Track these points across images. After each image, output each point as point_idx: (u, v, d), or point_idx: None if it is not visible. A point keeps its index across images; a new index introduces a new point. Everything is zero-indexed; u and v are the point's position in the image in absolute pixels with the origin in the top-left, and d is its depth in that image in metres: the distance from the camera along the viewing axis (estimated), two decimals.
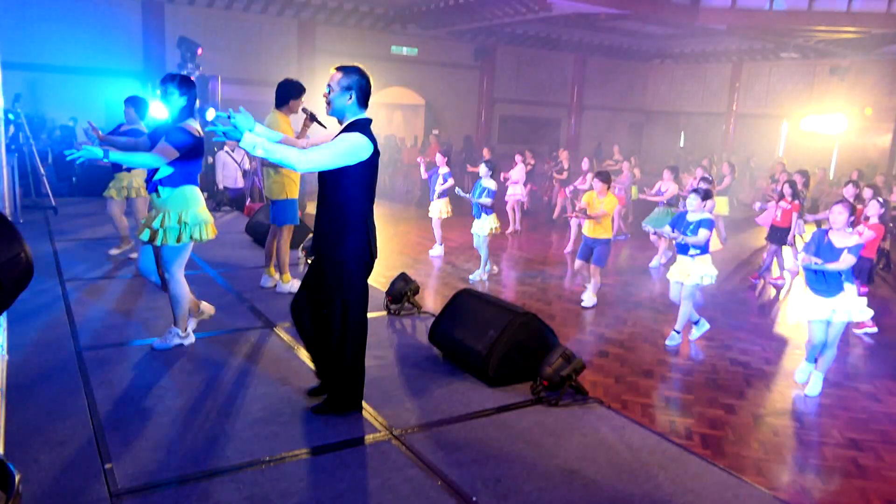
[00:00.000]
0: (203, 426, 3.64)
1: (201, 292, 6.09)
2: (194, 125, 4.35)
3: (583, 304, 7.06)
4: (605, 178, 6.88)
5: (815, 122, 17.35)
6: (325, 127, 6.26)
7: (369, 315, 5.78)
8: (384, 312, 5.91)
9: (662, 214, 9.11)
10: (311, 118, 6.09)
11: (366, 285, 3.74)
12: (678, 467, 3.53)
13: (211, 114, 5.09)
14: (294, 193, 6.09)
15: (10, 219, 2.77)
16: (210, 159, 11.03)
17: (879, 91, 16.58)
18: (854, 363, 5.87)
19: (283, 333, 5.18)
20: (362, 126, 3.55)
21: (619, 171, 12.25)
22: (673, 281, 5.94)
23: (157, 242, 4.36)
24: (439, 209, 8.77)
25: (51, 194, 9.71)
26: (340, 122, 3.63)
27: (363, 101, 3.61)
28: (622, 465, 3.51)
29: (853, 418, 4.68)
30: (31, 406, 3.70)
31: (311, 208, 12.63)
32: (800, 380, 5.21)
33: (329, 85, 3.59)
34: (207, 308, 4.98)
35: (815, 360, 5.11)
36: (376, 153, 3.56)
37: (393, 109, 20.13)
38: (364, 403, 4.03)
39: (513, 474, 3.35)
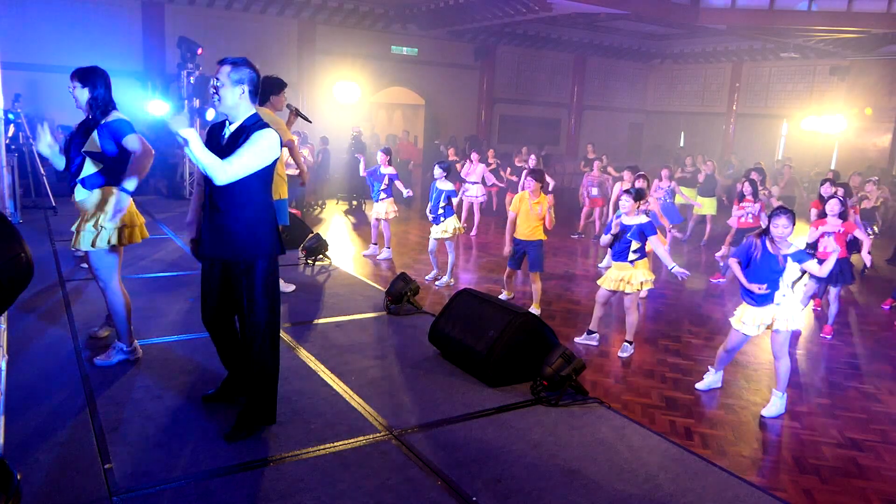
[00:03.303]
0: (203, 426, 3.64)
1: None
2: (122, 117, 4.05)
3: (502, 295, 6.85)
4: (538, 176, 6.42)
5: (815, 122, 17.34)
6: (310, 122, 6.31)
7: (369, 315, 5.85)
8: (384, 312, 5.91)
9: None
10: (296, 113, 6.15)
11: (277, 281, 3.54)
12: (678, 467, 3.53)
13: (211, 114, 5.10)
14: (284, 193, 6.08)
15: (9, 219, 2.77)
16: None
17: (879, 91, 16.57)
18: (854, 363, 5.87)
19: (283, 333, 5.18)
20: (264, 122, 3.38)
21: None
22: (607, 288, 5.56)
23: (73, 246, 4.14)
24: (385, 210, 8.54)
25: (51, 194, 9.72)
26: (230, 118, 3.44)
27: (255, 94, 3.42)
28: (622, 465, 3.52)
29: (853, 418, 4.68)
30: (31, 406, 3.71)
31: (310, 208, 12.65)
32: (701, 386, 4.97)
33: (217, 78, 3.38)
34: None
35: (722, 370, 4.97)
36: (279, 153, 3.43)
37: (393, 109, 20.13)
38: (364, 403, 4.04)
39: (513, 474, 3.35)
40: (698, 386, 5.02)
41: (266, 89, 5.75)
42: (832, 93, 17.34)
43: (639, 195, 5.54)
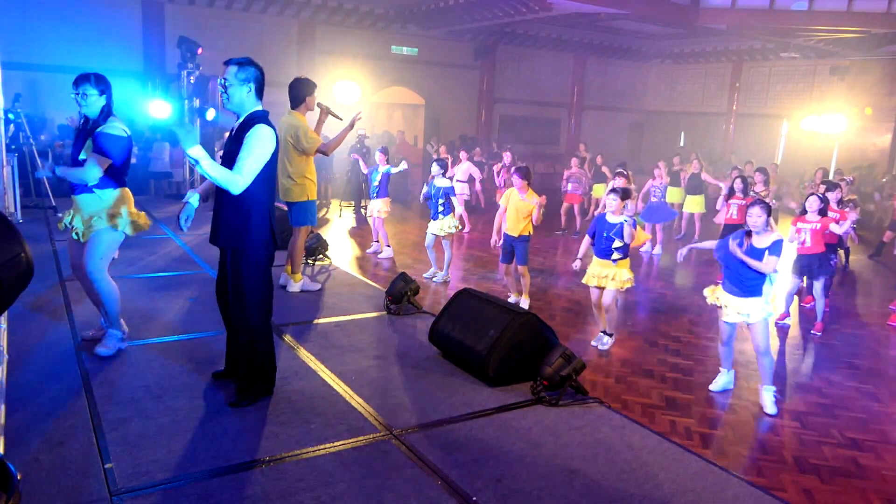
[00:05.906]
0: (203, 426, 3.64)
1: (201, 293, 6.09)
2: (120, 124, 4.30)
3: (511, 298, 6.97)
4: (523, 173, 6.55)
5: (815, 122, 17.33)
6: (340, 119, 6.32)
7: (369, 315, 5.85)
8: (384, 312, 5.91)
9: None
10: (328, 112, 6.23)
11: (269, 273, 3.86)
12: (678, 467, 3.53)
13: (211, 114, 5.12)
14: (313, 195, 6.12)
15: (10, 219, 2.77)
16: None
17: (879, 91, 16.56)
18: (854, 363, 5.87)
19: (283, 333, 5.18)
20: (263, 118, 3.67)
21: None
22: (592, 286, 5.72)
23: (74, 236, 4.45)
24: (379, 208, 8.67)
25: (51, 194, 9.72)
26: (238, 116, 3.74)
27: (260, 92, 3.73)
28: (622, 465, 3.52)
29: (853, 418, 4.68)
30: (31, 406, 3.71)
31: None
32: (714, 388, 4.97)
33: (224, 78, 3.64)
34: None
35: (731, 367, 5.00)
36: (276, 144, 3.70)
37: (393, 109, 20.12)
38: (364, 403, 4.04)
39: (513, 474, 3.35)
40: (711, 387, 4.99)
41: (300, 92, 5.87)
42: (832, 93, 17.33)
43: (625, 195, 5.66)
